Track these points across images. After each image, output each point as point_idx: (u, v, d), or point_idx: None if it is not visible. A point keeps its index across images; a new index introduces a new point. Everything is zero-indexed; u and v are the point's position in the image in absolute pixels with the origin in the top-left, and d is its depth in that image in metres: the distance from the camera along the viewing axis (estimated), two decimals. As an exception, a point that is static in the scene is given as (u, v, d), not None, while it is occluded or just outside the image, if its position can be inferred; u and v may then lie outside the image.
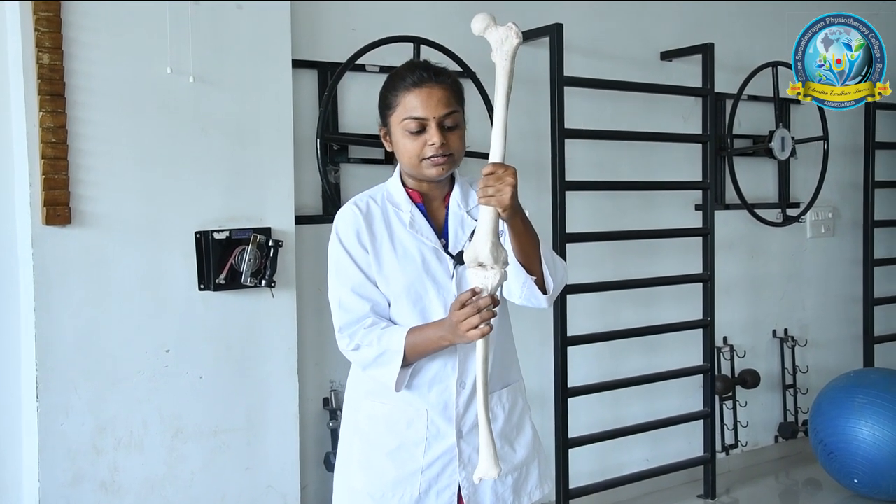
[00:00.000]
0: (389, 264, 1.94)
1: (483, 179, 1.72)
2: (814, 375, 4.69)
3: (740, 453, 4.50)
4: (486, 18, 1.74)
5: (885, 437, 3.66)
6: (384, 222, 1.97)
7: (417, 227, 1.96)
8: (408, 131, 1.90)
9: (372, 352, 1.90)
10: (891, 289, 4.93)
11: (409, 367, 1.91)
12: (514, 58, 1.72)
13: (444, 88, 1.91)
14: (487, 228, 1.72)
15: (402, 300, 1.94)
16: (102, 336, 2.70)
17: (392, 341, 1.88)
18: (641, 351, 4.05)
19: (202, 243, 2.83)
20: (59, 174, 2.60)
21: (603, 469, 3.94)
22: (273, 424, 3.00)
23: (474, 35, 1.76)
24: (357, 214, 1.96)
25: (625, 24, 4.01)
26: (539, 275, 1.88)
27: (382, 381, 1.92)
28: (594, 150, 3.88)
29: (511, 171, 1.72)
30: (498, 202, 1.71)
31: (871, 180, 4.67)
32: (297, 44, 3.08)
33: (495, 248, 1.72)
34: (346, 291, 1.94)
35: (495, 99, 1.74)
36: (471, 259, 1.75)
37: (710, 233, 3.98)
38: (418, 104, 1.89)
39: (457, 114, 1.92)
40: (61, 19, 2.59)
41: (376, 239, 1.95)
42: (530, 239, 1.85)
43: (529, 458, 2.07)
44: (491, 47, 1.74)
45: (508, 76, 1.72)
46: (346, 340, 1.94)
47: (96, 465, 2.71)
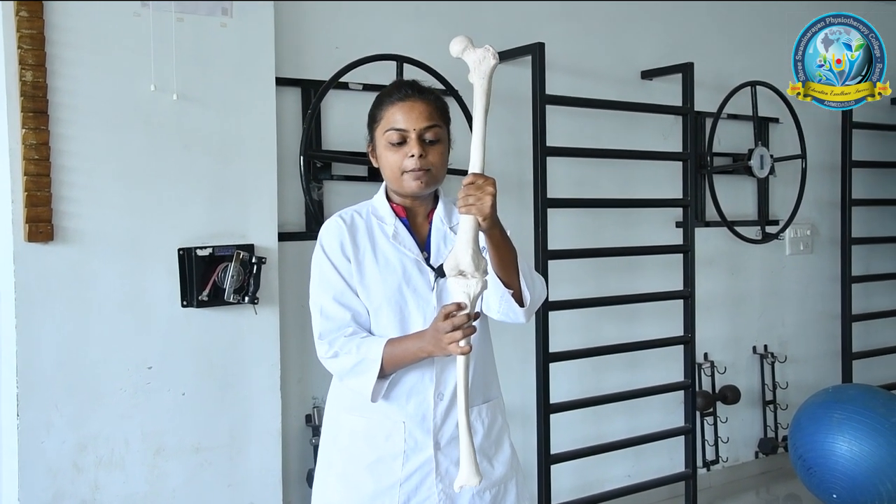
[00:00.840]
0: (371, 275, 1.97)
1: (463, 189, 1.76)
2: (793, 391, 4.73)
3: (721, 469, 4.53)
4: (463, 41, 1.80)
5: (862, 453, 3.69)
6: (368, 234, 2.00)
7: (400, 238, 1.99)
8: (389, 143, 1.95)
9: (350, 360, 1.91)
10: (868, 305, 4.98)
11: (386, 378, 1.92)
12: (491, 77, 1.78)
13: (426, 103, 1.96)
14: (468, 237, 1.75)
15: (382, 311, 1.96)
16: (84, 353, 2.70)
17: (371, 350, 1.90)
18: (623, 367, 4.07)
19: (185, 260, 2.83)
20: (42, 191, 2.60)
21: (585, 485, 3.95)
22: (256, 441, 2.99)
23: (453, 57, 1.82)
24: (341, 226, 2.00)
25: (606, 43, 4.06)
26: (517, 288, 1.90)
27: (359, 391, 1.93)
28: (575, 168, 3.91)
29: (491, 182, 1.75)
30: (478, 210, 1.74)
31: (849, 198, 4.72)
32: (280, 61, 3.10)
33: (476, 256, 1.74)
34: (328, 299, 1.96)
35: (474, 114, 1.78)
36: (451, 267, 1.77)
37: (691, 250, 4.01)
38: (400, 117, 1.94)
39: (438, 129, 1.96)
40: (45, 37, 2.60)
41: (359, 250, 1.98)
42: (508, 252, 1.88)
43: (508, 476, 2.08)
44: (469, 68, 1.79)
45: (486, 94, 1.78)
46: (325, 347, 1.95)
47: (77, 483, 2.69)
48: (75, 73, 2.66)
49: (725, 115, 4.33)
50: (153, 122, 2.79)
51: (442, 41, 3.41)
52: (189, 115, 2.85)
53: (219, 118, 2.91)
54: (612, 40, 4.08)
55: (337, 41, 3.29)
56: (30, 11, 2.56)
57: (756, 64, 4.54)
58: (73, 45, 2.65)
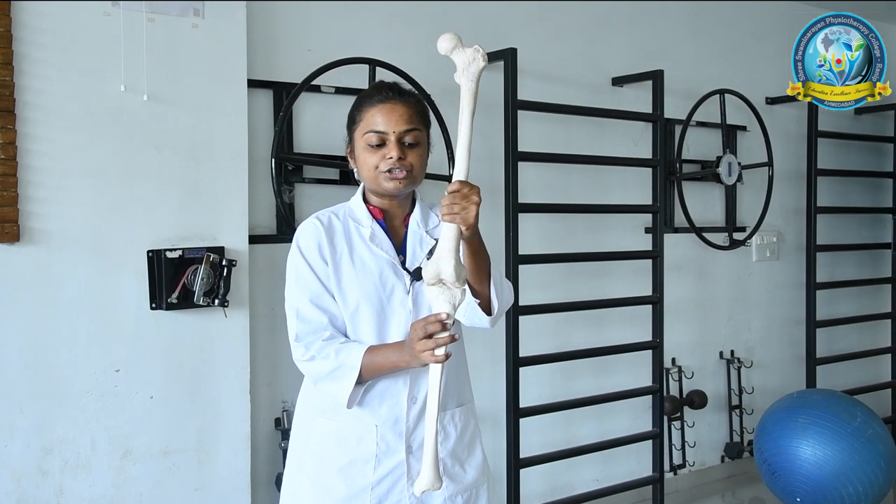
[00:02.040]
0: (348, 277, 1.95)
1: (448, 197, 1.74)
2: (759, 396, 4.79)
3: (688, 473, 4.57)
4: (453, 39, 1.77)
5: (826, 457, 3.74)
6: (345, 236, 1.99)
7: (377, 241, 1.98)
8: (368, 145, 1.94)
9: (328, 365, 1.90)
10: (832, 311, 5.05)
11: (362, 385, 1.92)
12: (479, 80, 1.76)
13: (407, 106, 1.95)
14: (450, 246, 1.74)
15: (359, 313, 1.95)
16: (50, 355, 2.66)
17: (350, 357, 1.88)
18: (592, 372, 4.09)
19: (154, 262, 2.81)
20: (8, 191, 2.56)
21: (553, 489, 3.97)
22: (224, 445, 2.97)
23: (438, 55, 1.78)
24: (319, 227, 1.98)
25: (578, 49, 4.09)
26: (486, 296, 1.91)
27: (333, 396, 1.92)
28: (547, 173, 3.94)
29: (476, 190, 1.75)
30: (462, 220, 1.74)
31: (814, 206, 4.79)
32: (252, 63, 3.08)
33: (458, 266, 1.74)
34: (305, 301, 1.94)
35: (460, 119, 1.76)
36: (431, 276, 1.75)
37: (660, 255, 4.05)
38: (380, 119, 1.93)
39: (418, 132, 1.95)
40: (12, 35, 2.57)
41: (336, 252, 1.97)
42: (484, 260, 1.88)
43: (479, 481, 2.08)
44: (456, 67, 1.76)
45: (473, 97, 1.76)
46: (301, 350, 1.93)
47: (41, 487, 2.66)
48: (44, 72, 2.63)
49: (695, 123, 4.38)
50: (123, 123, 2.77)
51: (415, 45, 3.46)
52: (160, 117, 2.83)
53: (190, 119, 2.89)
54: (583, 47, 4.11)
55: (309, 43, 3.29)
56: (-3, 9, 2.53)
57: (725, 72, 4.60)
58: (41, 43, 2.62)
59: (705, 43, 4.60)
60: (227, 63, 2.96)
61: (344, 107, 2.12)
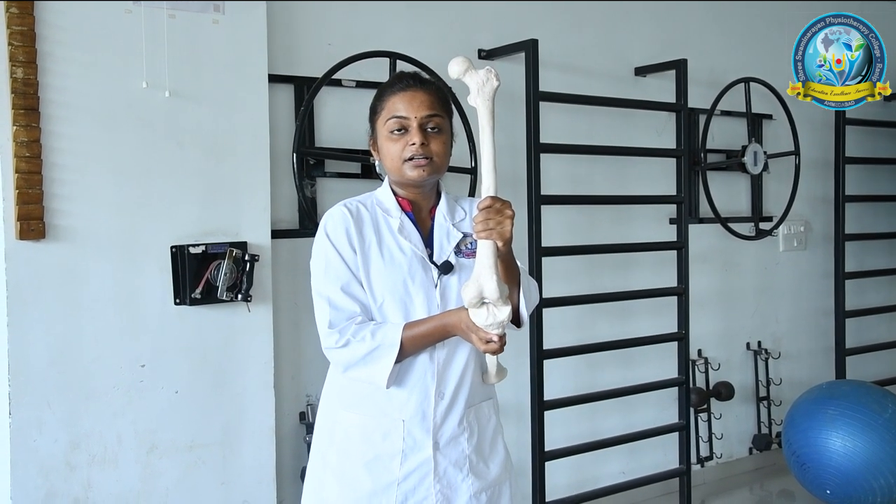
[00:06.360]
0: (376, 269, 1.93)
1: (482, 213, 1.74)
2: (787, 387, 4.74)
3: (715, 465, 4.53)
4: (464, 62, 1.80)
5: (856, 449, 3.70)
6: (373, 226, 1.97)
7: (406, 233, 1.97)
8: (390, 132, 1.93)
9: (364, 347, 1.87)
10: (861, 301, 4.99)
11: (398, 364, 1.89)
12: (495, 97, 1.79)
13: (428, 93, 1.94)
14: (489, 263, 1.74)
15: (386, 306, 1.93)
16: (76, 351, 2.69)
17: (387, 336, 1.87)
18: (617, 364, 4.07)
19: (178, 258, 2.82)
20: (33, 188, 2.58)
21: (579, 482, 3.95)
22: (249, 439, 2.99)
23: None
24: (347, 215, 1.96)
25: (599, 39, 4.06)
26: (515, 305, 1.90)
27: (368, 379, 1.90)
28: (569, 165, 3.91)
29: (508, 204, 1.76)
30: (499, 235, 1.74)
31: (842, 194, 4.73)
32: (273, 59, 3.09)
33: (500, 283, 1.74)
34: (336, 290, 1.92)
35: (482, 137, 1.78)
36: (474, 296, 1.74)
37: (685, 246, 4.01)
38: (402, 105, 1.92)
39: (440, 119, 1.94)
40: (35, 33, 2.58)
41: (364, 242, 1.95)
42: (514, 271, 1.88)
43: (502, 478, 2.07)
44: (470, 90, 1.80)
45: (492, 115, 1.79)
46: (335, 336, 1.90)
47: (69, 481, 2.68)
48: (67, 70, 2.65)
49: (719, 112, 4.34)
50: (145, 120, 2.78)
51: (435, 38, 3.45)
52: (181, 113, 2.84)
53: (211, 115, 2.90)
54: (605, 37, 4.07)
55: (330, 38, 3.28)
56: (20, 8, 2.55)
57: (750, 60, 4.55)
58: (64, 41, 2.64)
59: (729, 31, 4.55)
60: (248, 58, 2.97)
61: (365, 100, 2.11)
